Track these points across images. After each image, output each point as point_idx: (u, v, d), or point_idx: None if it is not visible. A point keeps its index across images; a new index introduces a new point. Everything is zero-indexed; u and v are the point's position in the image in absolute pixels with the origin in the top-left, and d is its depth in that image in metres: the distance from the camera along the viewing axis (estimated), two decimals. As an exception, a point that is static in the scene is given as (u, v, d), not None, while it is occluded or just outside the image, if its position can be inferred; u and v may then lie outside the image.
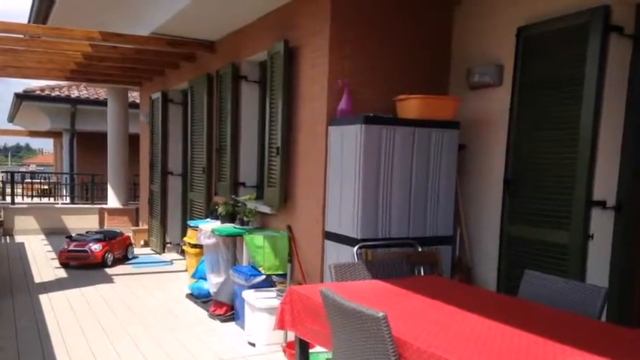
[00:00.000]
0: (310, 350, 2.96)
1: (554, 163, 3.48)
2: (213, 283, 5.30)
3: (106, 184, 10.75)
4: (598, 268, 3.31)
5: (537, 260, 3.53)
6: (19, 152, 64.19)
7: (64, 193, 13.53)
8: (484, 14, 4.16)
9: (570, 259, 3.31)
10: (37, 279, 6.44)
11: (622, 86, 3.27)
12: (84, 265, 7.04)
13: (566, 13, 3.39)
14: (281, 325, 2.79)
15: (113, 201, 10.39)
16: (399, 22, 4.32)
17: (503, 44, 3.92)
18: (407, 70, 4.34)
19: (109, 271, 6.98)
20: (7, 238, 9.67)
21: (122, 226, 9.41)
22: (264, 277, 4.52)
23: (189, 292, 5.78)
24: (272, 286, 4.51)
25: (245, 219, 5.11)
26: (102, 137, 11.03)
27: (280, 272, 4.58)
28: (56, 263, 7.23)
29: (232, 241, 5.32)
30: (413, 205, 3.89)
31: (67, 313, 5.03)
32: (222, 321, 4.92)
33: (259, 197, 5.46)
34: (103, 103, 11.66)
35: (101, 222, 10.39)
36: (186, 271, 6.59)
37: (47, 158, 38.87)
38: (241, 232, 4.97)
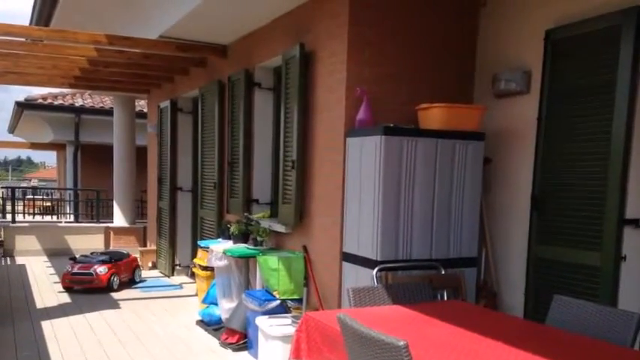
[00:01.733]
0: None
1: (584, 178, 3.62)
2: (225, 308, 5.54)
3: (112, 200, 11.20)
4: (631, 292, 3.40)
5: (567, 283, 3.66)
6: (19, 166, 66.85)
7: (68, 211, 14.10)
8: (510, 16, 4.32)
9: (601, 282, 3.44)
10: (39, 304, 6.82)
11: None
12: (88, 289, 7.40)
13: (597, 14, 3.54)
14: (296, 354, 2.96)
15: (119, 219, 10.82)
16: (421, 24, 4.52)
17: (530, 48, 4.07)
18: (429, 77, 4.53)
19: (114, 295, 7.33)
20: (8, 259, 10.18)
21: (129, 247, 9.80)
22: (278, 302, 4.74)
23: (199, 318, 6.04)
24: (287, 312, 4.72)
25: (259, 239, 5.35)
26: (107, 150, 11.52)
27: (296, 297, 4.79)
28: (59, 287, 7.60)
29: (245, 263, 5.56)
30: (435, 223, 4.07)
31: (71, 342, 5.34)
32: (235, 350, 5.15)
33: (273, 215, 5.70)
34: (109, 112, 12.17)
35: (107, 242, 10.82)
36: (196, 295, 6.87)
37: (50, 172, 40.36)
38: (254, 253, 5.21)
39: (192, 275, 7.44)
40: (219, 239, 6.15)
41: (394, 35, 4.43)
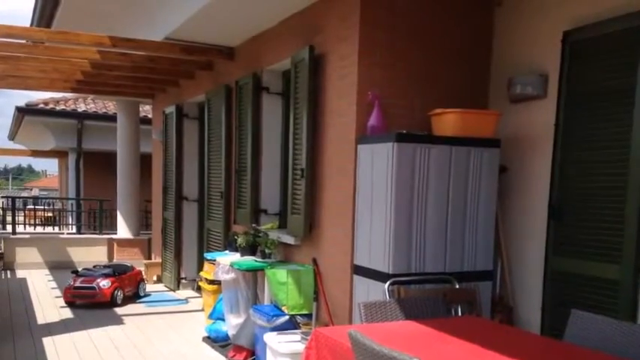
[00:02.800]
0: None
1: (603, 187, 3.69)
2: (232, 324, 5.66)
3: (116, 211, 11.43)
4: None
5: (585, 297, 3.73)
6: (20, 175, 68.29)
7: (70, 222, 14.37)
8: (527, 16, 4.40)
9: (621, 296, 3.49)
10: (41, 320, 7.01)
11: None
12: (91, 303, 7.58)
13: (617, 15, 3.61)
14: (306, 372, 3.08)
15: (123, 230, 11.04)
16: (434, 25, 4.62)
17: (547, 50, 4.15)
18: (442, 80, 4.63)
19: (118, 310, 7.49)
20: (8, 272, 10.44)
21: (133, 259, 10.00)
22: (287, 317, 4.85)
23: (205, 334, 6.17)
24: (296, 328, 4.82)
25: (267, 251, 5.47)
26: (111, 157, 11.76)
27: (305, 312, 4.89)
28: (61, 302, 7.80)
29: (253, 277, 5.68)
30: (449, 235, 4.15)
31: (73, 359, 5.50)
32: (242, 368, 5.27)
33: (282, 226, 5.83)
34: (112, 118, 12.42)
35: (110, 254, 11.05)
36: (202, 310, 7.01)
37: (51, 181, 41.13)
38: (263, 265, 5.33)
39: (199, 289, 7.58)
40: (227, 251, 6.28)
41: (406, 37, 4.52)
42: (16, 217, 12.51)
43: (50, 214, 15.89)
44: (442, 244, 4.14)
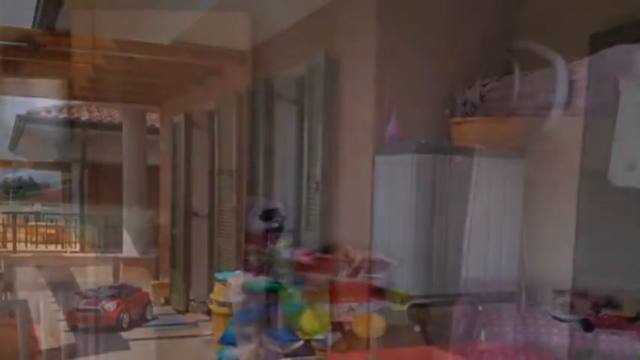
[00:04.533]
0: None
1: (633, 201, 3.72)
2: (243, 350, 5.80)
3: (121, 227, 11.71)
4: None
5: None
6: (21, 188, 69.70)
7: (73, 239, 14.71)
8: (551, 18, 4.47)
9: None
10: (42, 345, 7.23)
11: None
12: (96, 327, 7.78)
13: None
14: (322, 400, 3.21)
15: (129, 249, 11.31)
16: (456, 28, 4.73)
17: (574, 54, 4.19)
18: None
19: (124, 334, 7.70)
20: (8, 294, 10.75)
21: (140, 280, 10.22)
22: (302, 342, 4.97)
23: (216, 361, 6.33)
24: (311, 354, 4.93)
25: (280, 270, 5.60)
26: (116, 169, 12.04)
27: (321, 336, 5.00)
28: (64, 325, 8.02)
29: (266, 298, 5.81)
30: (471, 253, 4.23)
31: (76, 387, 5.71)
32: (254, 397, 5.39)
33: (296, 244, 5.96)
34: (117, 127, 12.74)
35: (115, 274, 11.30)
36: (212, 335, 7.16)
37: (54, 196, 41.85)
38: (276, 286, 5.46)
39: (209, 312, 7.74)
40: (238, 271, 6.42)
41: (426, 40, 4.63)
42: (17, 235, 12.86)
43: (52, 231, 16.28)
44: (464, 263, 4.23)
